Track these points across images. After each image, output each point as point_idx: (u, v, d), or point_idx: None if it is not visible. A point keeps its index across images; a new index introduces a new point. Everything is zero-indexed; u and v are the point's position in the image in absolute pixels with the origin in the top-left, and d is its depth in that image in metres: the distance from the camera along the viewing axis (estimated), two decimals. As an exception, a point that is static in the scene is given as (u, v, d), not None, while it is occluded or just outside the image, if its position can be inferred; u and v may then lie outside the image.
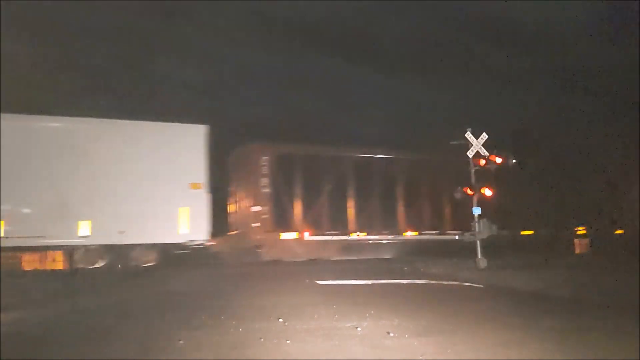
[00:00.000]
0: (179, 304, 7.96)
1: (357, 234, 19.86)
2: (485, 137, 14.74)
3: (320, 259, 18.46)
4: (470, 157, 14.73)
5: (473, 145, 14.69)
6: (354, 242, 19.77)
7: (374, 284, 10.87)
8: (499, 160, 14.58)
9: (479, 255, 14.17)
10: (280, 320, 6.04)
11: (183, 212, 15.22)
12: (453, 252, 18.48)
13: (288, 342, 5.01)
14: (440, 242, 20.53)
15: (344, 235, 19.62)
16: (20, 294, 9.25)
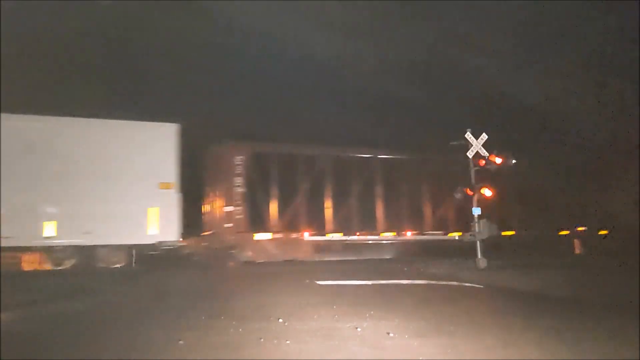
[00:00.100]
0: (179, 304, 7.96)
1: (333, 235, 19.26)
2: (485, 137, 14.72)
3: (296, 260, 18.01)
4: (470, 157, 14.72)
5: (473, 146, 14.68)
6: (331, 242, 19.23)
7: (374, 285, 10.86)
8: (499, 161, 14.56)
9: (479, 256, 14.16)
10: (280, 321, 6.04)
11: (152, 212, 14.96)
12: (441, 252, 18.48)
13: (288, 342, 5.01)
14: (421, 243, 20.11)
15: (321, 236, 19.10)
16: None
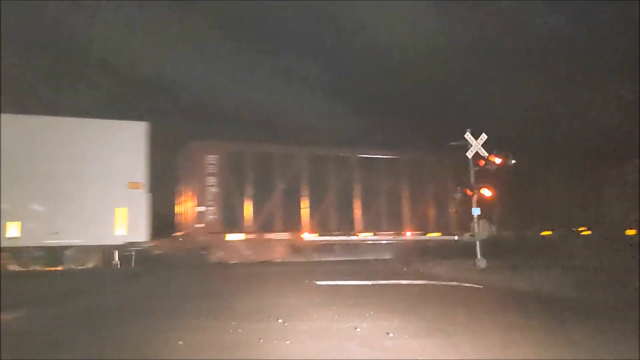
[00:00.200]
0: (179, 304, 7.96)
1: (307, 235, 19.01)
2: (485, 137, 14.72)
3: (272, 262, 17.80)
4: (470, 157, 14.72)
5: (472, 146, 14.68)
6: (307, 243, 19.01)
7: (373, 285, 10.86)
8: (499, 161, 14.56)
9: (479, 256, 14.16)
10: (280, 321, 6.04)
11: (120, 212, 14.76)
12: (434, 253, 18.42)
13: (287, 342, 5.01)
14: (402, 244, 19.88)
15: (295, 236, 18.87)
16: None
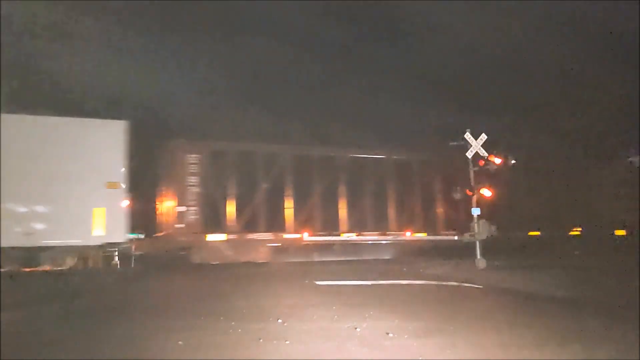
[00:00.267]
0: (179, 305, 7.96)
1: (290, 234, 18.89)
2: (485, 137, 14.74)
3: (254, 262, 17.59)
4: (470, 157, 14.73)
5: (472, 146, 14.69)
6: (289, 243, 18.87)
7: (373, 285, 10.86)
8: (498, 161, 14.56)
9: (478, 256, 14.17)
10: (280, 321, 6.04)
11: (98, 212, 14.45)
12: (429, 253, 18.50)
13: (287, 342, 5.02)
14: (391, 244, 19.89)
15: (279, 236, 18.77)
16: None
